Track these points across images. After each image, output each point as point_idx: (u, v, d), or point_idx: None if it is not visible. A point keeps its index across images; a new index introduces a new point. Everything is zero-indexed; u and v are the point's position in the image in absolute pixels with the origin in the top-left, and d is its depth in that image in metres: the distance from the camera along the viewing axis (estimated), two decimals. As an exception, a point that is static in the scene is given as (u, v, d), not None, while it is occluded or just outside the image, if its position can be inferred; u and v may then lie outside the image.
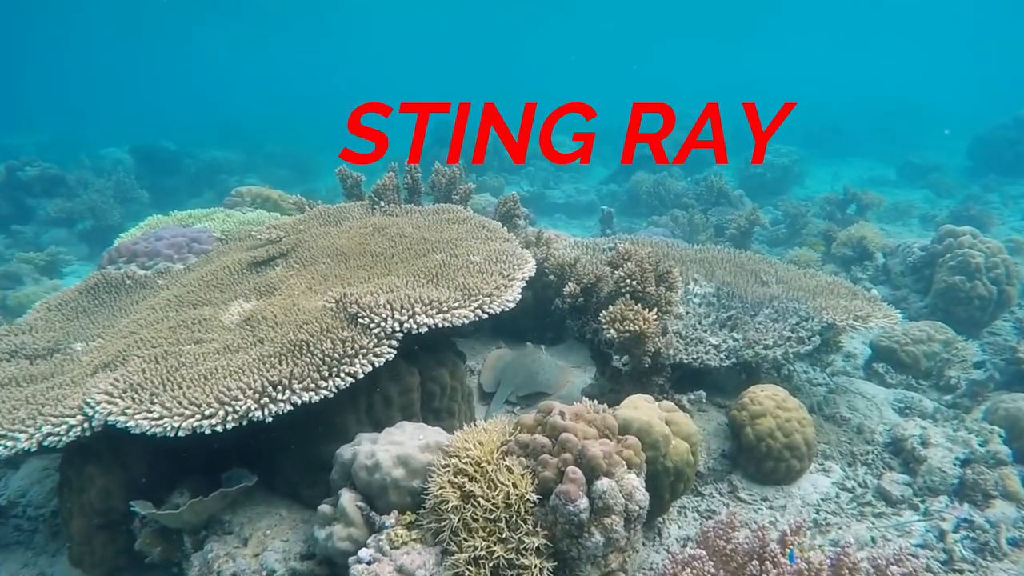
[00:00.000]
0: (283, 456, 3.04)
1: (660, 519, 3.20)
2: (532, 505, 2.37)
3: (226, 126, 22.11)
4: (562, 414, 2.60)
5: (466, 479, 2.47)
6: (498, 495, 2.38)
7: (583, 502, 2.29)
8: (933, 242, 6.28)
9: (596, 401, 2.97)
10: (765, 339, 4.07)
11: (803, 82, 35.68)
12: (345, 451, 2.74)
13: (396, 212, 4.43)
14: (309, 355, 2.78)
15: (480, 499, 2.39)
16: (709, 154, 16.55)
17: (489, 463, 2.51)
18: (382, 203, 4.51)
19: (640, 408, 2.95)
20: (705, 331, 4.24)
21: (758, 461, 3.56)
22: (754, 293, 4.58)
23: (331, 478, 2.76)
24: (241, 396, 2.58)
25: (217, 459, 3.07)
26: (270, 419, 2.59)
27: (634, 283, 3.52)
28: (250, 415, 2.56)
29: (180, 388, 2.71)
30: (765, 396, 3.64)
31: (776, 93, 31.36)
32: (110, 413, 2.61)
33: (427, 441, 2.70)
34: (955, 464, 3.50)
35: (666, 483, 2.89)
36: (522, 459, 2.51)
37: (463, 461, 2.52)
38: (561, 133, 17.90)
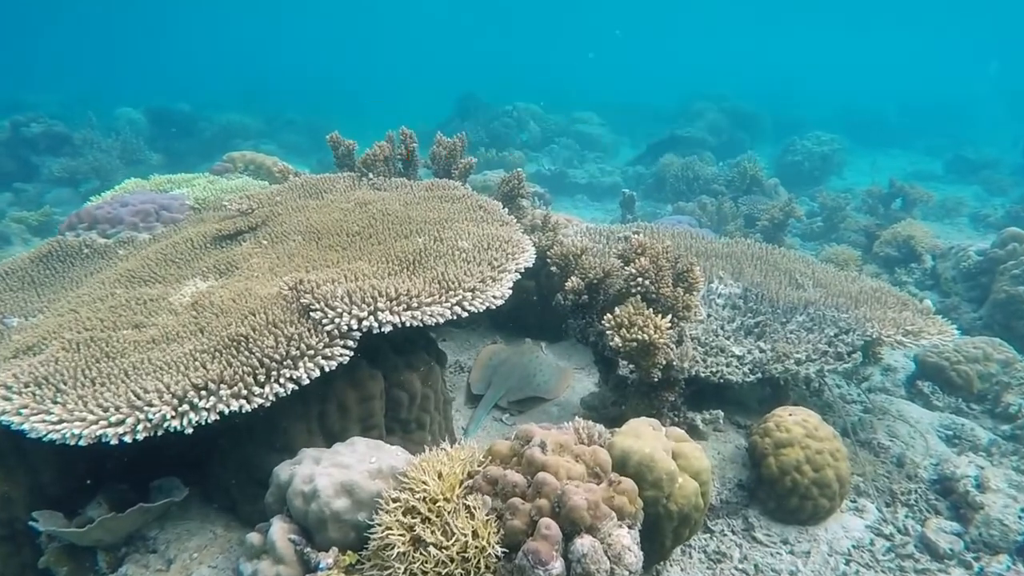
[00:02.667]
0: (221, 466, 2.61)
1: (659, 565, 2.71)
2: (496, 560, 1.90)
3: (248, 91, 21.78)
4: (543, 445, 2.12)
5: (418, 520, 2.01)
6: (454, 545, 1.91)
7: (556, 566, 1.81)
8: (994, 246, 5.62)
9: (592, 420, 2.49)
10: (797, 352, 3.53)
11: (845, 68, 34.30)
12: (283, 470, 2.29)
13: (385, 186, 3.95)
14: (247, 353, 2.32)
15: (432, 547, 1.92)
16: (747, 139, 15.82)
17: (448, 501, 2.04)
18: (371, 175, 4.02)
19: (643, 437, 2.44)
20: (728, 338, 3.71)
21: (780, 497, 3.04)
22: (787, 297, 4.03)
23: (266, 501, 2.32)
24: (157, 401, 2.14)
25: (151, 462, 2.66)
26: (190, 430, 2.14)
27: (647, 282, 3.00)
28: (166, 425, 2.12)
29: (92, 385, 2.28)
30: (793, 422, 3.11)
31: (819, 79, 30.14)
32: (3, 412, 2.18)
33: (379, 465, 2.23)
34: (1021, 516, 2.95)
35: (668, 529, 2.39)
36: (489, 499, 2.03)
37: (416, 496, 2.05)
38: (587, 110, 17.24)
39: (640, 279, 2.95)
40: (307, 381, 2.29)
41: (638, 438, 2.45)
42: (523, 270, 3.03)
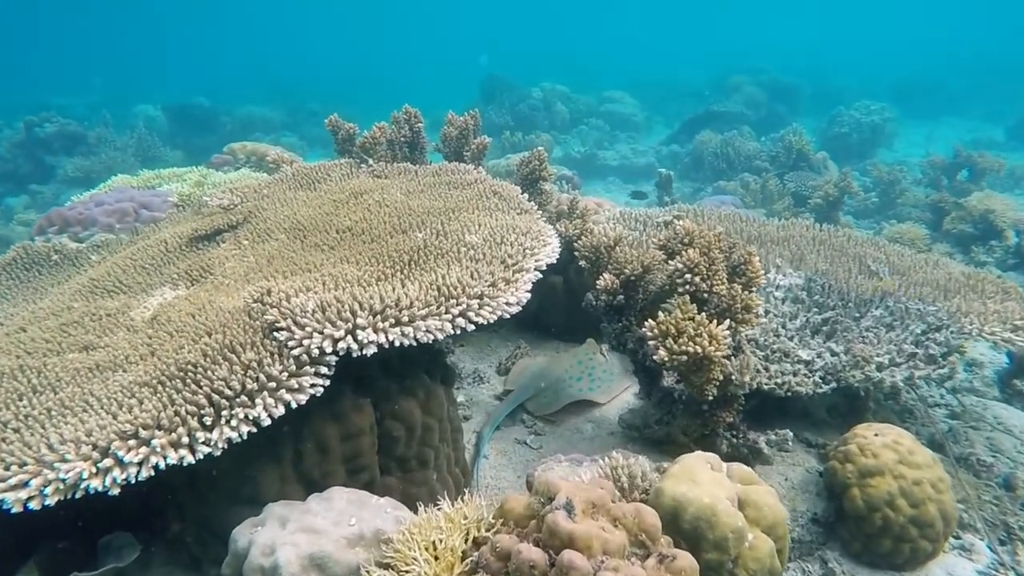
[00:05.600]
0: (180, 520, 2.15)
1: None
2: (507, 675, 1.40)
3: (271, 83, 21.42)
4: (569, 506, 1.59)
5: (404, 614, 1.51)
6: (450, 654, 1.41)
7: None
8: (1094, 218, 4.88)
9: (632, 439, 1.97)
10: (878, 355, 2.93)
11: (887, 32, 32.64)
12: (241, 535, 1.81)
13: (386, 173, 3.44)
14: (193, 387, 1.84)
15: (422, 656, 1.42)
16: (786, 112, 14.94)
17: (446, 585, 1.54)
18: (371, 161, 3.52)
19: (700, 481, 1.91)
20: (791, 338, 3.12)
21: (868, 537, 2.47)
22: (859, 287, 3.42)
23: (222, 572, 1.85)
24: (72, 455, 1.67)
25: (105, 512, 2.21)
26: (116, 491, 1.68)
27: (697, 279, 2.43)
28: (84, 486, 1.65)
29: (3, 431, 1.83)
30: (882, 444, 2.52)
31: (860, 46, 28.68)
32: None
33: (360, 529, 1.74)
34: None
35: (736, 602, 1.86)
36: (499, 583, 1.52)
37: (403, 579, 1.55)
38: (617, 88, 16.48)
39: (689, 275, 2.39)
40: (268, 421, 1.81)
41: (694, 483, 1.91)
42: (546, 267, 2.51)
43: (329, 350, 1.89)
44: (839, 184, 6.73)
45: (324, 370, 1.90)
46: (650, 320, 2.34)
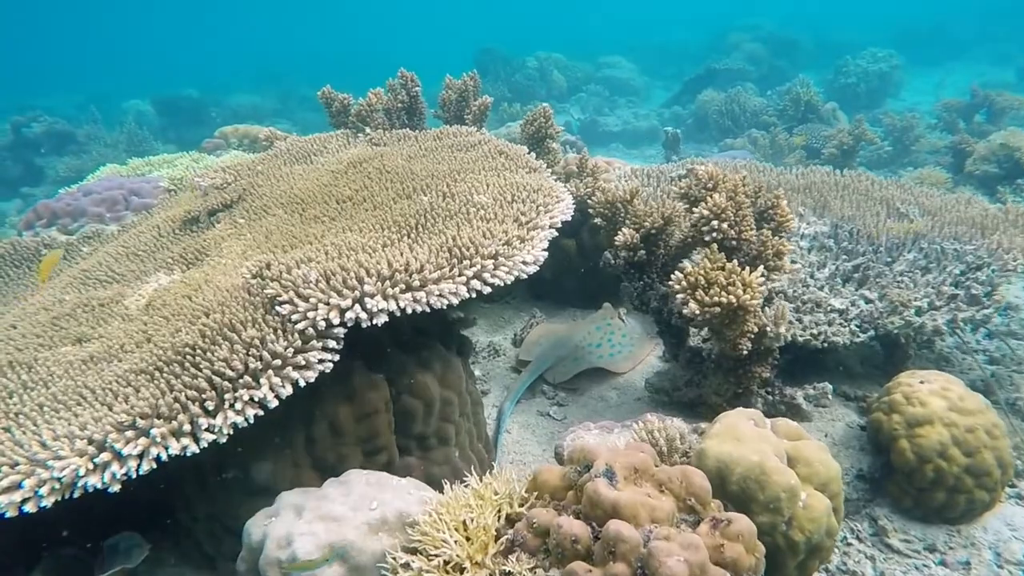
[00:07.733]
0: (189, 515, 2.02)
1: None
2: (555, 662, 1.26)
3: (260, 70, 21.05)
4: (609, 472, 1.45)
5: (437, 601, 1.38)
6: (491, 642, 1.28)
7: None
8: None
9: (661, 404, 1.82)
10: (916, 299, 2.76)
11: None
12: (255, 526, 1.68)
13: (385, 140, 3.27)
14: (193, 371, 1.70)
15: (460, 645, 1.29)
16: (788, 67, 14.58)
17: (480, 566, 1.40)
18: (368, 130, 3.35)
19: (745, 439, 1.76)
20: (821, 288, 2.96)
21: (920, 491, 2.33)
22: (890, 231, 3.24)
23: (237, 568, 1.72)
24: (66, 451, 1.54)
25: (114, 512, 2.09)
26: (116, 487, 1.55)
27: (724, 226, 2.26)
28: (82, 483, 1.52)
29: (-8, 431, 1.70)
30: (930, 392, 2.37)
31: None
32: None
33: (383, 512, 1.60)
34: None
35: (791, 566, 1.72)
36: (539, 561, 1.38)
37: (432, 563, 1.42)
38: (614, 53, 16.13)
39: (716, 222, 2.22)
40: (275, 403, 1.66)
41: (738, 442, 1.77)
42: (560, 225, 2.34)
43: (336, 321, 1.74)
44: (854, 132, 6.49)
45: (332, 344, 1.76)
46: (677, 272, 2.18)
